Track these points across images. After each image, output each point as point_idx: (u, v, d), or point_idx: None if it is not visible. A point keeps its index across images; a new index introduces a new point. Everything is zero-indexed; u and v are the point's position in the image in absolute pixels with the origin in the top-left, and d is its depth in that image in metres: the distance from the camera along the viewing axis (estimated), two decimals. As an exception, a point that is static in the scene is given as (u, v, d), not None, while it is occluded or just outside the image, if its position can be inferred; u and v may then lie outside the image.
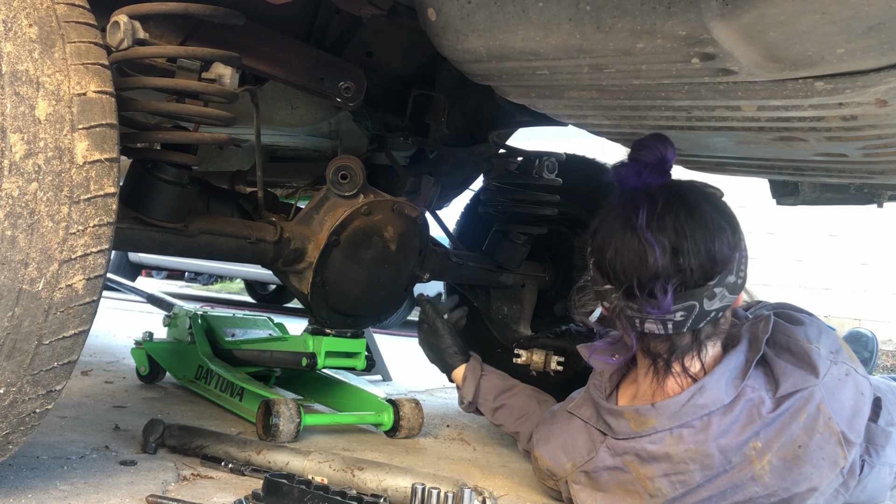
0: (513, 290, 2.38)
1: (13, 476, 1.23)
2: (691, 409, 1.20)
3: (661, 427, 1.21)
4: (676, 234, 1.18)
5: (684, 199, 1.21)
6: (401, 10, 1.56)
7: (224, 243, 1.60)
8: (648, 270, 1.17)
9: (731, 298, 1.21)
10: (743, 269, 1.22)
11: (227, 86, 1.35)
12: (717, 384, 1.21)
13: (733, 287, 1.20)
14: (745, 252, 1.24)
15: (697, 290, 1.17)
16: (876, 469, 1.32)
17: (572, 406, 1.42)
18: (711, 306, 1.19)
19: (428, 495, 1.22)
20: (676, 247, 1.17)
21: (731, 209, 1.25)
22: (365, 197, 1.80)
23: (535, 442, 1.46)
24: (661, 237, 1.17)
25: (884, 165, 1.40)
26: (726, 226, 1.21)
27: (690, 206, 1.20)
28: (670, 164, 1.25)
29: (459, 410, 2.40)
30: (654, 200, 1.19)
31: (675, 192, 1.22)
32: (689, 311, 1.18)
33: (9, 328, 0.97)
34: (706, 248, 1.17)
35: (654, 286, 1.16)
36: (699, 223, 1.19)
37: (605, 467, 1.28)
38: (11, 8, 0.99)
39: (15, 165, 0.95)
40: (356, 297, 1.86)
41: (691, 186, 1.26)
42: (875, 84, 0.96)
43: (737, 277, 1.21)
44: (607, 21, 0.96)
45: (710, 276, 1.18)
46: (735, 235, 1.21)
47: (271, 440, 1.65)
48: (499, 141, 2.14)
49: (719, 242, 1.18)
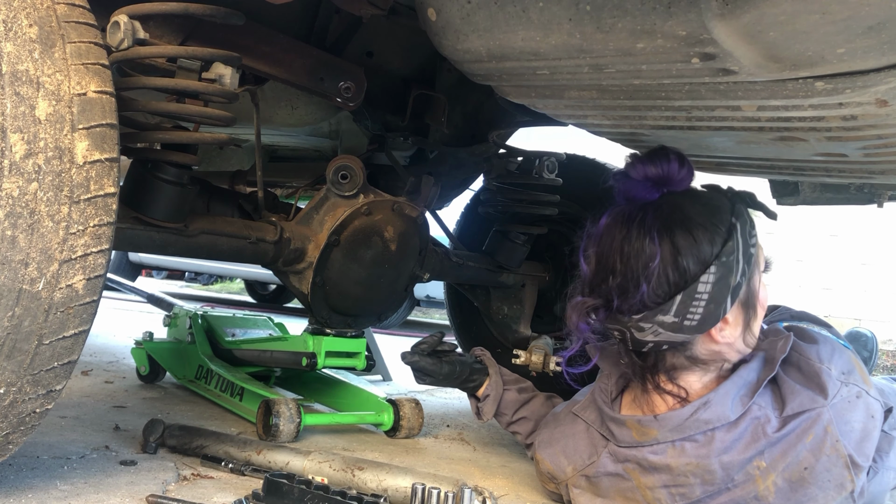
0: (513, 290, 2.38)
1: (13, 476, 1.23)
2: (694, 423, 1.18)
3: (663, 439, 1.20)
4: (619, 255, 1.17)
5: (654, 224, 1.16)
6: (401, 10, 1.56)
7: (224, 243, 1.60)
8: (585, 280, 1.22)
9: (677, 336, 1.17)
10: (694, 311, 1.14)
11: (227, 86, 1.35)
12: (722, 400, 1.18)
13: (672, 326, 1.15)
14: (705, 296, 1.14)
15: (622, 317, 1.18)
16: (880, 474, 1.31)
17: (577, 408, 1.41)
18: (643, 337, 1.18)
19: (428, 495, 1.22)
20: (612, 268, 1.18)
21: (723, 248, 1.15)
22: (365, 197, 1.80)
23: (537, 445, 1.46)
24: (603, 251, 1.19)
25: (884, 165, 1.39)
26: (685, 265, 1.13)
27: (650, 234, 1.15)
28: (671, 181, 1.21)
29: (459, 410, 2.41)
30: (635, 213, 1.19)
31: (658, 212, 1.18)
32: (623, 336, 1.20)
33: (9, 328, 0.97)
34: (635, 280, 1.15)
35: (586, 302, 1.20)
36: (641, 253, 1.15)
37: (607, 473, 1.27)
38: (11, 8, 0.99)
39: (15, 165, 0.95)
40: (356, 297, 1.86)
41: (685, 210, 1.18)
42: (875, 84, 0.96)
43: (680, 318, 1.14)
44: (607, 21, 0.96)
45: (635, 311, 1.16)
46: (682, 278, 1.13)
47: (271, 440, 1.65)
48: (499, 141, 2.14)
49: (658, 280, 1.14)
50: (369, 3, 1.41)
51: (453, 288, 2.72)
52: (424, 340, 1.63)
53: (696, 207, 1.19)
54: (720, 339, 1.19)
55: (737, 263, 1.16)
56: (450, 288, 2.78)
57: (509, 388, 1.63)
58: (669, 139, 1.41)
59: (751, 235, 1.21)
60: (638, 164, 1.22)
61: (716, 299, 1.15)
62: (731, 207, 1.20)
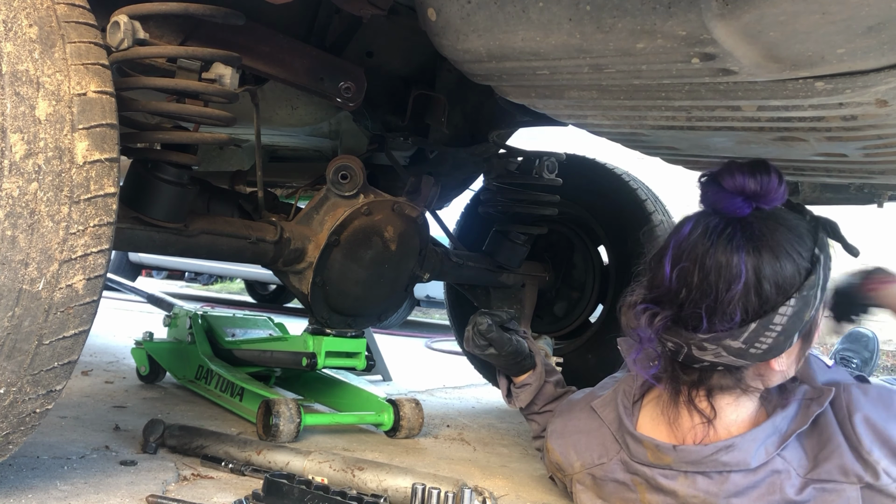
0: (513, 290, 2.38)
1: (13, 476, 1.23)
2: (711, 462, 1.13)
3: (677, 468, 1.16)
4: (700, 268, 1.10)
5: (742, 245, 1.10)
6: (401, 10, 1.56)
7: (224, 243, 1.60)
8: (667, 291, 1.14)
9: (737, 361, 1.12)
10: (764, 341, 1.09)
11: (227, 86, 1.35)
12: (748, 447, 1.12)
13: (737, 352, 1.10)
14: (779, 327, 1.08)
15: (686, 333, 1.11)
16: None
17: (597, 403, 1.37)
18: (702, 356, 1.12)
19: (428, 495, 1.22)
20: (689, 282, 1.11)
21: (800, 276, 1.10)
22: (365, 197, 1.80)
23: (549, 433, 1.43)
24: (686, 264, 1.11)
25: (884, 165, 1.39)
26: (768, 293, 1.08)
27: (738, 253, 1.09)
28: (766, 197, 1.13)
29: (459, 410, 2.41)
30: (723, 227, 1.12)
31: (748, 231, 1.11)
32: (678, 349, 1.14)
33: (9, 328, 0.97)
34: (712, 299, 1.09)
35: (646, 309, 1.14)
36: (724, 272, 1.08)
37: (614, 479, 1.25)
38: (11, 8, 0.99)
39: (15, 165, 0.95)
40: (356, 297, 1.86)
41: (775, 234, 1.11)
42: (875, 84, 0.96)
43: (748, 345, 1.09)
44: (607, 21, 0.96)
45: (703, 330, 1.10)
46: (762, 306, 1.08)
47: (271, 440, 1.65)
48: (499, 141, 2.15)
49: (736, 304, 1.08)
50: (369, 3, 1.41)
51: (453, 288, 2.72)
52: (498, 314, 1.55)
53: (784, 233, 1.12)
54: (776, 368, 1.14)
55: (814, 298, 1.11)
56: (450, 288, 2.79)
57: (549, 381, 1.61)
58: (669, 139, 1.41)
59: (829, 269, 1.15)
60: (737, 174, 1.13)
61: (787, 331, 1.09)
62: (814, 236, 1.15)
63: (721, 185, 1.14)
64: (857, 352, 2.77)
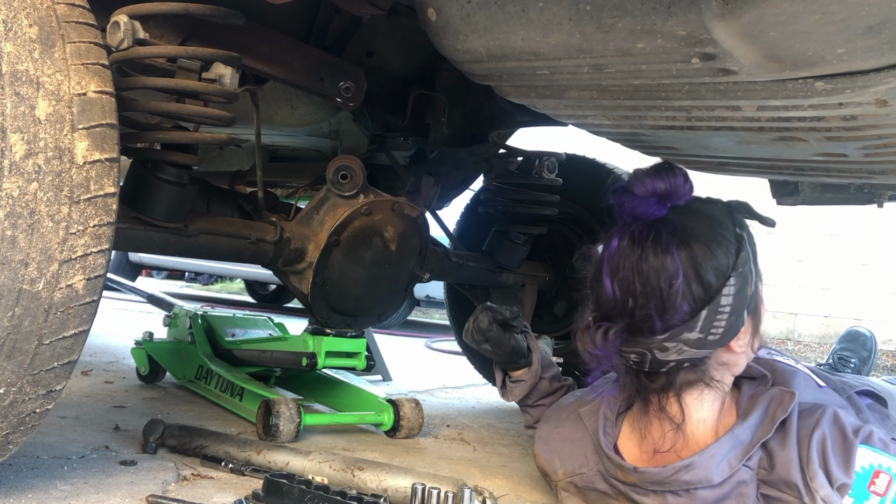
0: (513, 290, 2.38)
1: (13, 476, 1.23)
2: (674, 482, 1.15)
3: (643, 487, 1.18)
4: (638, 276, 1.12)
5: (670, 241, 1.13)
6: (401, 10, 1.56)
7: (224, 243, 1.60)
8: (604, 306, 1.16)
9: (700, 352, 1.14)
10: (718, 325, 1.12)
11: (227, 86, 1.35)
12: (706, 464, 1.13)
13: (697, 342, 1.12)
14: (728, 308, 1.11)
15: (644, 339, 1.13)
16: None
17: (584, 411, 1.38)
18: (666, 357, 1.13)
19: (428, 495, 1.22)
20: (632, 290, 1.13)
21: (735, 261, 1.13)
22: (365, 197, 1.80)
23: (536, 438, 1.45)
24: (627, 274, 1.13)
25: (884, 165, 1.39)
26: (709, 279, 1.11)
27: (669, 251, 1.12)
28: (676, 195, 1.16)
29: (459, 410, 2.41)
30: (646, 231, 1.14)
31: (671, 228, 1.14)
32: (642, 358, 1.15)
33: (9, 328, 0.97)
34: (659, 299, 1.11)
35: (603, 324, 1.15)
36: (662, 271, 1.11)
37: (595, 489, 1.27)
38: (11, 8, 0.99)
39: (15, 165, 0.95)
40: (356, 297, 1.86)
41: (695, 224, 1.15)
42: (875, 84, 0.96)
43: (705, 334, 1.11)
44: (607, 21, 0.96)
45: (659, 331, 1.12)
46: (707, 293, 1.10)
47: (271, 440, 1.65)
48: (499, 141, 2.15)
49: (682, 297, 1.10)
50: (369, 3, 1.41)
51: (453, 288, 2.72)
52: (501, 311, 1.57)
53: (703, 220, 1.16)
54: (737, 349, 1.16)
55: (751, 273, 1.15)
56: (450, 288, 2.79)
57: (544, 378, 1.62)
58: (669, 139, 1.41)
59: (754, 244, 1.19)
60: (645, 179, 1.17)
61: (736, 310, 1.13)
62: (731, 218, 1.19)
63: (634, 193, 1.17)
64: (854, 351, 2.78)
